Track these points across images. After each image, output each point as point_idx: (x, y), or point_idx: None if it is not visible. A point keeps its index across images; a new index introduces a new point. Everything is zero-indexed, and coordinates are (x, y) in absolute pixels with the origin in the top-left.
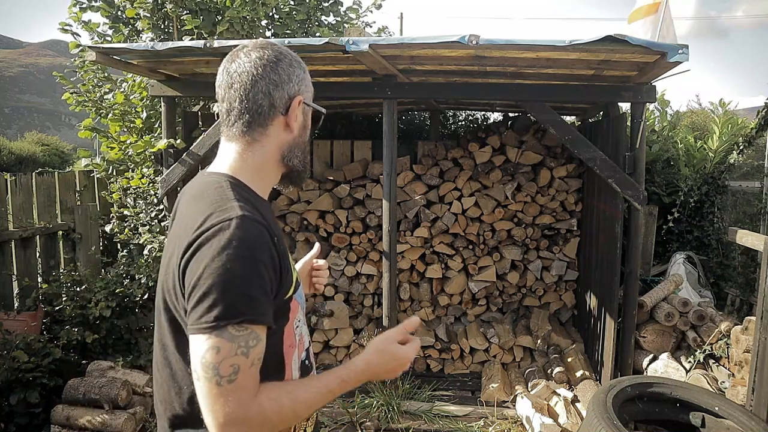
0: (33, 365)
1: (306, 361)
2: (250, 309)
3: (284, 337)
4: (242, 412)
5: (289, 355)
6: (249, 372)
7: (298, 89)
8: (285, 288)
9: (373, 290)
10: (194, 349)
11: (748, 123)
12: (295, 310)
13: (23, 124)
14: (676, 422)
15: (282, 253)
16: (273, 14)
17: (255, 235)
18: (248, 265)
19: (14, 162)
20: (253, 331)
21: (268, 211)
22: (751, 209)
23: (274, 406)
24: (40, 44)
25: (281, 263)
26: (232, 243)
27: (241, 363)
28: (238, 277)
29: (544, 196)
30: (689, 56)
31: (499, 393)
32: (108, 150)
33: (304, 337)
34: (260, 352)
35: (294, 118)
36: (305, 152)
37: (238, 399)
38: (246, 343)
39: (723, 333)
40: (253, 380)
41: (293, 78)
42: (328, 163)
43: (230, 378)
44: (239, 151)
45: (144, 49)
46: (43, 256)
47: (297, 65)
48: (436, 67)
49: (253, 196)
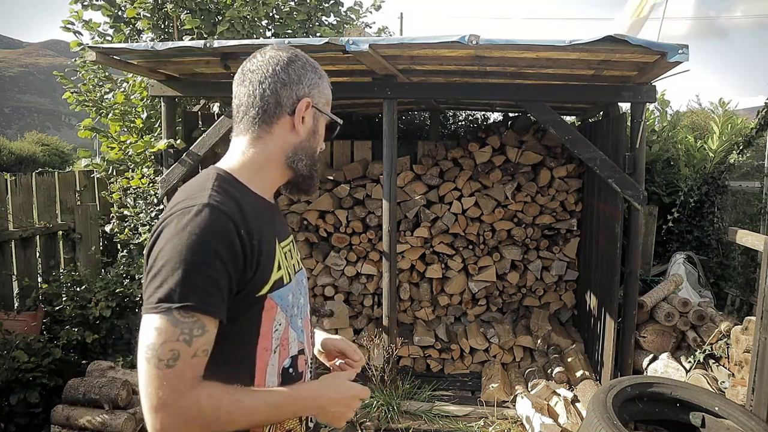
0: (33, 365)
1: (290, 369)
2: (194, 296)
3: (259, 337)
4: (175, 400)
5: (262, 358)
6: (190, 362)
7: (308, 92)
8: (255, 285)
9: (373, 290)
10: (141, 329)
11: (748, 123)
12: (271, 311)
13: (23, 124)
14: (676, 422)
15: (254, 248)
16: (273, 14)
17: (214, 224)
18: (199, 253)
19: (14, 162)
20: (200, 320)
21: (258, 209)
22: (751, 209)
23: (211, 403)
24: (40, 44)
25: (249, 259)
26: (186, 228)
27: (181, 350)
28: (187, 263)
29: (544, 196)
30: (689, 56)
31: (499, 393)
32: (108, 150)
33: (292, 343)
34: (206, 344)
35: (301, 120)
36: (313, 159)
37: (174, 387)
38: (190, 331)
39: (723, 333)
40: (193, 371)
41: (304, 80)
42: (328, 163)
43: (168, 363)
44: (242, 147)
45: (144, 49)
46: (43, 256)
47: (311, 69)
48: (436, 67)
49: (242, 192)
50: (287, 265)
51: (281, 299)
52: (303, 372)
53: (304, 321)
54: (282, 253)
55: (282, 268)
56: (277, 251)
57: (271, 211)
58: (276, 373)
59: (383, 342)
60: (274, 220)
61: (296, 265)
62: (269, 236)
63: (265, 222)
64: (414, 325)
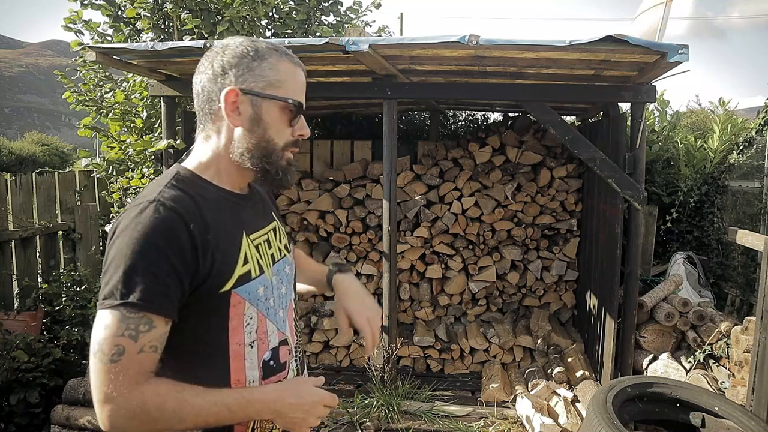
0: (33, 365)
1: (271, 361)
2: (137, 293)
3: (229, 333)
4: (120, 395)
5: (237, 353)
6: (136, 357)
7: (235, 80)
8: (215, 281)
9: (373, 290)
10: (94, 324)
11: (748, 123)
12: (239, 306)
13: (23, 124)
14: (676, 422)
15: (207, 244)
16: (273, 14)
17: (157, 220)
18: (142, 250)
19: (14, 162)
20: (146, 316)
21: (222, 204)
22: (751, 209)
23: (156, 401)
24: (40, 44)
25: (200, 254)
26: (131, 225)
27: (127, 345)
28: (130, 259)
29: (544, 196)
30: (689, 56)
31: (499, 393)
32: (108, 150)
33: (271, 335)
34: (153, 340)
35: (234, 112)
36: (266, 150)
37: (119, 382)
38: (136, 326)
39: (723, 333)
40: (139, 366)
41: (231, 69)
42: (328, 163)
43: (113, 358)
44: (198, 145)
45: (144, 49)
46: (43, 256)
47: (244, 54)
48: (436, 67)
49: (203, 187)
50: (258, 258)
51: (249, 293)
52: (286, 362)
53: (287, 310)
54: (251, 246)
55: (250, 262)
56: (243, 245)
57: (239, 205)
58: (256, 367)
59: (383, 342)
60: (244, 214)
61: (277, 254)
62: (232, 231)
63: (229, 217)
64: (414, 325)
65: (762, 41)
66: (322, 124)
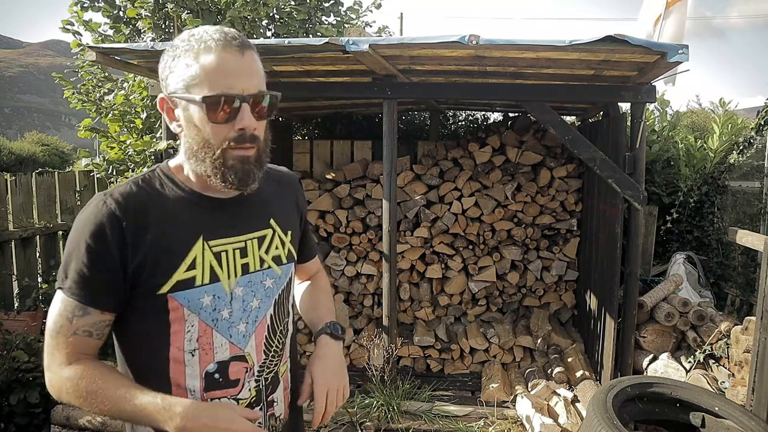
0: (33, 365)
1: (216, 374)
2: (68, 281)
3: (170, 337)
4: (54, 368)
5: (177, 358)
6: (69, 338)
7: (165, 85)
8: (152, 282)
9: (373, 290)
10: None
11: (748, 123)
12: (177, 311)
13: (23, 124)
14: (676, 422)
15: (142, 242)
16: (274, 14)
17: (91, 214)
18: (74, 241)
19: (14, 162)
20: (78, 303)
21: (182, 205)
22: (751, 209)
23: (76, 381)
24: (40, 44)
25: (131, 252)
26: (79, 216)
27: (64, 325)
28: (68, 250)
29: (544, 196)
30: (689, 56)
31: (499, 393)
32: (108, 150)
33: (218, 348)
34: (86, 326)
35: (170, 119)
36: (211, 151)
37: (54, 356)
38: (72, 310)
39: (723, 333)
40: (72, 347)
41: (163, 73)
42: (328, 163)
43: (51, 333)
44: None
45: (144, 49)
46: (43, 256)
47: (169, 55)
48: (436, 67)
49: (168, 187)
50: (215, 265)
51: (188, 301)
52: (239, 380)
53: (257, 325)
54: (208, 253)
55: (197, 268)
56: (194, 250)
57: (205, 208)
58: (197, 376)
59: (383, 342)
60: (208, 218)
61: (253, 265)
62: (181, 234)
63: (183, 220)
64: (414, 325)
65: (762, 41)
66: (322, 124)
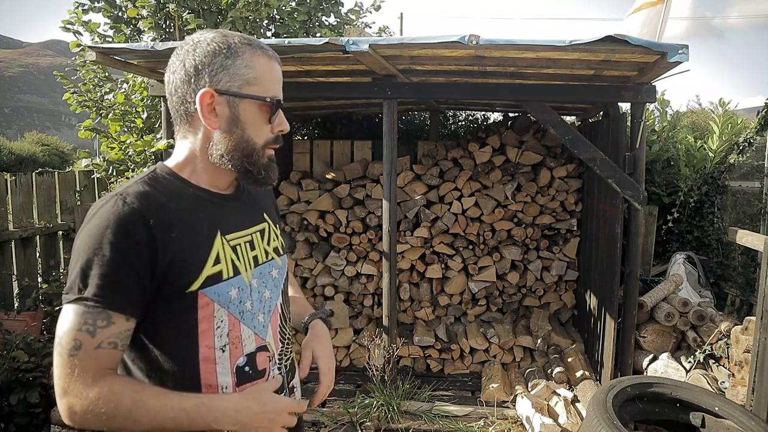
0: (33, 365)
1: (246, 367)
2: (92, 288)
3: (198, 335)
4: (77, 390)
5: (207, 356)
6: (93, 353)
7: (210, 80)
8: (180, 280)
9: (373, 290)
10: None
11: (748, 123)
12: (207, 308)
13: (23, 124)
14: (676, 422)
15: (169, 241)
16: (275, 15)
17: (113, 214)
18: (95, 244)
19: (14, 162)
20: (104, 312)
21: (197, 203)
22: (751, 209)
23: (111, 400)
24: (40, 44)
25: (160, 251)
26: (91, 220)
27: (84, 341)
28: (86, 254)
29: (544, 196)
30: (689, 56)
31: (499, 393)
32: (108, 150)
33: (246, 340)
34: (111, 337)
35: (210, 113)
36: (245, 151)
37: (75, 376)
38: (94, 322)
39: (723, 333)
40: (96, 362)
41: (205, 69)
42: (328, 163)
43: (71, 352)
44: (176, 144)
45: (144, 49)
46: (43, 256)
47: (217, 52)
48: (436, 67)
49: (177, 186)
50: (234, 259)
51: (218, 295)
52: (266, 369)
53: (271, 315)
54: (227, 247)
55: (222, 263)
56: (216, 245)
57: (217, 204)
58: (229, 372)
59: (383, 342)
60: (221, 213)
61: (261, 257)
62: (203, 230)
63: (201, 217)
64: (414, 325)
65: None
66: (322, 124)
